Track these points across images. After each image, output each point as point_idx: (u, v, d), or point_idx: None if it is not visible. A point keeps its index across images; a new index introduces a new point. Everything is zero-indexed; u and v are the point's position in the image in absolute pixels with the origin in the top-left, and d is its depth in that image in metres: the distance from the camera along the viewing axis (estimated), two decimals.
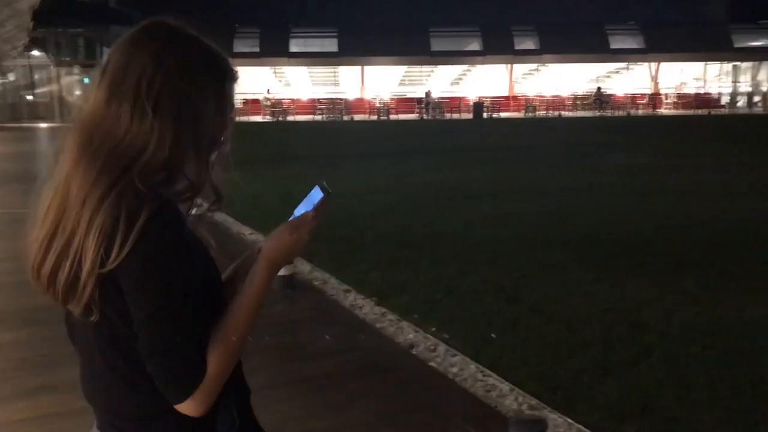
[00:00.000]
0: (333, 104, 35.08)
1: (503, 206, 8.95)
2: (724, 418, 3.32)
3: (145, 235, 1.04)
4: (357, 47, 35.80)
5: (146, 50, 1.11)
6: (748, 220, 7.92)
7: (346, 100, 35.83)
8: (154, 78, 1.10)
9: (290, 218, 1.22)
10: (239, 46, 35.72)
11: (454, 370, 3.92)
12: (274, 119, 33.30)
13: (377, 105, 35.23)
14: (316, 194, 1.23)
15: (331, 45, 36.48)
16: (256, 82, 36.49)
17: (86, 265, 1.07)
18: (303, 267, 6.01)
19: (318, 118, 34.15)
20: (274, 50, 36.20)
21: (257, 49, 36.13)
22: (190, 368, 1.07)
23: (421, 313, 4.82)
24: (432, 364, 4.04)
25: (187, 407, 1.08)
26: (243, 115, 35.16)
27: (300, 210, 1.23)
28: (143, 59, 1.11)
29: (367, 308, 4.97)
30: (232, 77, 1.20)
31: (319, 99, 35.97)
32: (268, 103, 34.63)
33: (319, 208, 1.21)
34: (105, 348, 1.14)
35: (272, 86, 37.10)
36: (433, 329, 4.50)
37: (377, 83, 37.88)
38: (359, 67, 37.51)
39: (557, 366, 3.90)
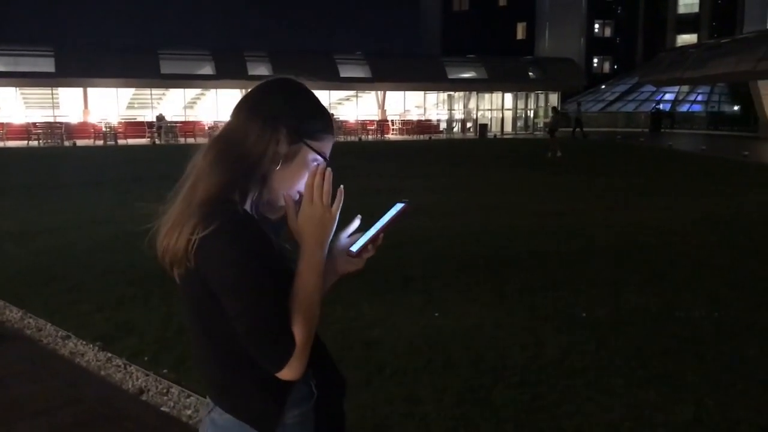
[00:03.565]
0: (51, 128, 32.05)
1: None
2: (449, 426, 3.54)
3: (219, 240, 1.32)
4: (77, 67, 33.11)
5: (283, 93, 1.46)
6: (465, 235, 8.71)
7: (67, 124, 32.95)
8: (281, 112, 1.42)
9: (368, 233, 1.48)
10: None
11: (189, 412, 3.70)
12: None
13: (103, 129, 32.96)
14: (396, 208, 1.51)
15: (46, 65, 33.32)
16: None
17: (180, 250, 1.36)
18: (11, 314, 5.33)
19: (34, 143, 30.99)
20: None
21: None
22: (283, 344, 1.31)
23: (151, 355, 4.51)
24: (164, 408, 3.78)
25: (286, 374, 1.33)
26: None
27: (379, 224, 1.49)
28: (280, 98, 1.44)
29: (89, 355, 4.52)
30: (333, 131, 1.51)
31: (34, 123, 32.64)
32: None
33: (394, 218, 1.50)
34: (197, 328, 1.45)
35: None
36: (165, 371, 4.22)
37: (103, 106, 35.44)
38: (81, 89, 34.77)
39: None
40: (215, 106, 37.08)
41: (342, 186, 1.41)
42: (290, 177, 1.43)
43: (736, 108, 44.66)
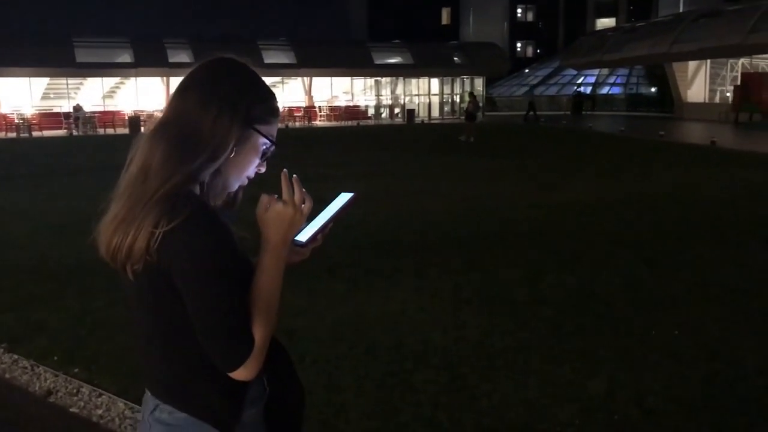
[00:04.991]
0: None
1: None
2: (369, 410, 3.53)
3: (186, 233, 1.25)
4: None
5: (231, 76, 1.38)
6: (390, 220, 8.73)
7: None
8: (234, 98, 1.35)
9: (315, 222, 1.43)
10: None
11: (100, 411, 3.57)
12: None
13: (16, 121, 31.53)
14: (342, 198, 1.47)
15: None
16: None
17: (141, 246, 1.27)
18: None
19: None
20: None
21: None
22: (242, 343, 1.28)
23: (62, 354, 4.33)
24: (74, 409, 3.63)
25: (240, 374, 1.29)
26: None
27: (327, 213, 1.44)
28: (230, 82, 1.37)
29: None
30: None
31: None
32: None
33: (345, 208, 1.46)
34: (152, 325, 1.37)
35: None
36: (76, 370, 4.07)
37: (16, 96, 33.86)
38: None
39: None
40: (135, 94, 36.02)
41: (304, 189, 1.37)
42: (241, 163, 1.39)
43: (653, 89, 46.26)
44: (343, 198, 1.47)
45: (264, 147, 1.41)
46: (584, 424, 3.37)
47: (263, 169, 1.45)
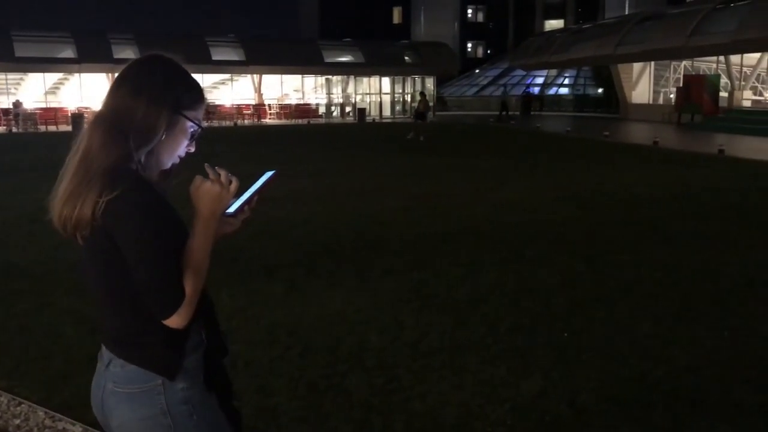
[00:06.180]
0: None
1: None
2: (300, 414, 3.46)
3: (126, 201, 1.46)
4: None
5: (160, 70, 1.61)
6: (334, 220, 8.65)
7: None
8: (162, 90, 1.57)
9: (242, 197, 1.64)
10: None
11: (18, 422, 3.41)
12: None
13: None
14: (266, 175, 1.73)
15: None
16: None
17: (87, 213, 1.49)
18: None
19: None
20: None
21: None
22: (174, 294, 1.49)
23: None
24: None
25: (173, 321, 1.50)
26: None
27: (252, 188, 1.68)
28: (159, 75, 1.60)
29: None
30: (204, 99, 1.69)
31: None
32: None
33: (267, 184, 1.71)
34: (103, 284, 1.58)
35: None
36: None
37: None
38: None
39: None
40: (79, 91, 35.08)
41: (229, 172, 1.60)
42: (171, 144, 1.61)
43: (599, 90, 47.11)
44: (267, 175, 1.73)
45: (192, 130, 1.64)
46: (516, 423, 3.37)
47: (193, 149, 1.69)
